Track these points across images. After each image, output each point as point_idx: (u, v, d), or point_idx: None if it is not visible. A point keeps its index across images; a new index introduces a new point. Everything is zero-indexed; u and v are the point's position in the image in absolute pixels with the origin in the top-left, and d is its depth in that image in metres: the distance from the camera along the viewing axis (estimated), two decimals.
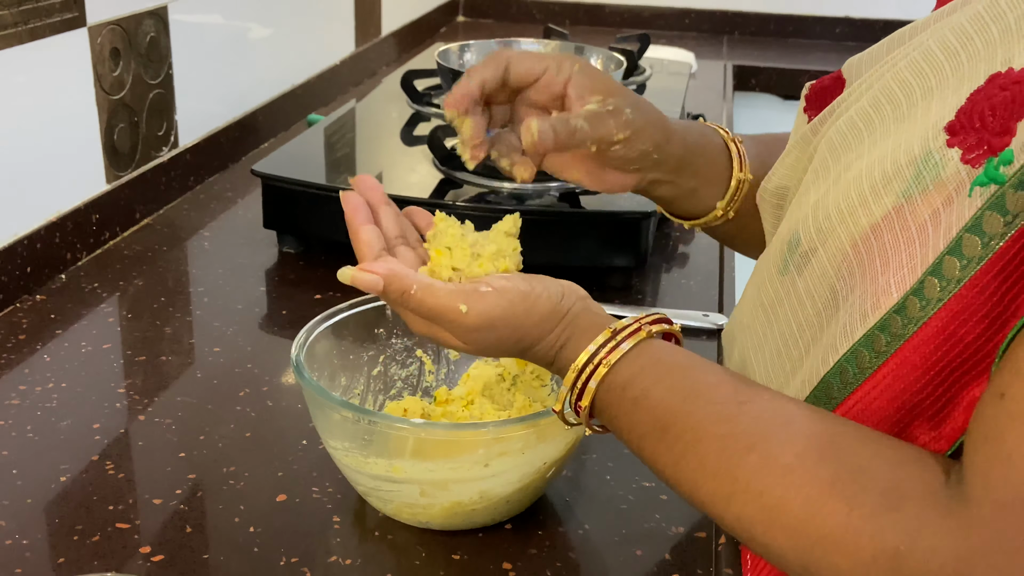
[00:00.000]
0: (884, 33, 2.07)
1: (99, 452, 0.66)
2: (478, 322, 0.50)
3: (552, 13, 2.18)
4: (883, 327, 0.42)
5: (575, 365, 0.50)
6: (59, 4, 0.88)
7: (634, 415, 0.48)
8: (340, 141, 1.11)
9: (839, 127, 0.51)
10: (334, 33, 1.53)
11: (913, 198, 0.43)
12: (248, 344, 0.80)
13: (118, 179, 0.99)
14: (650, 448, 0.47)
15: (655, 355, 0.49)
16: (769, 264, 0.55)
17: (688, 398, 0.47)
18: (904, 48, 0.51)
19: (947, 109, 0.43)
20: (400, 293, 0.51)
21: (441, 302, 0.51)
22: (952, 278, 0.40)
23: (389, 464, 0.56)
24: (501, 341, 0.52)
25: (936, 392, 0.41)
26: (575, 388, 0.50)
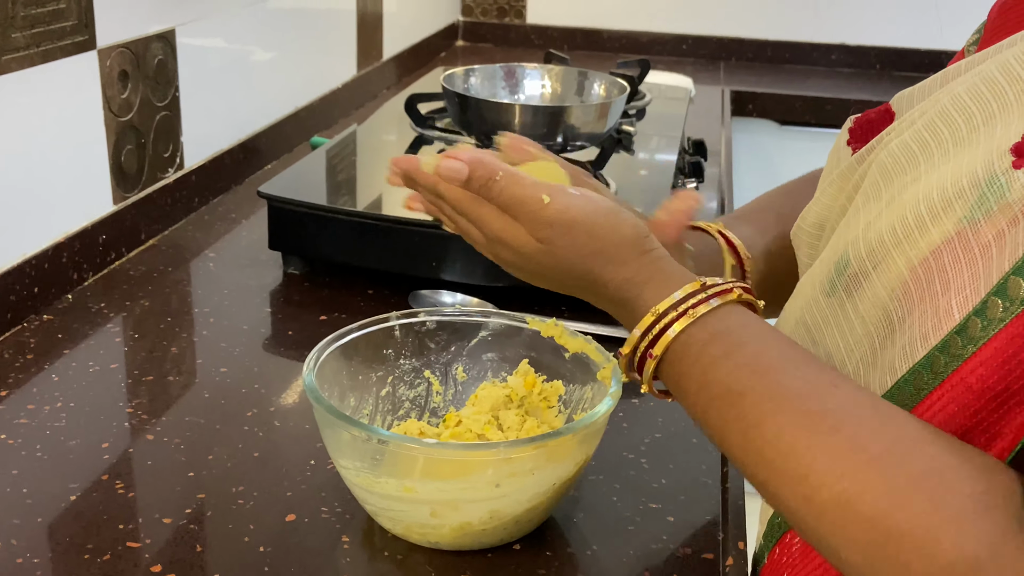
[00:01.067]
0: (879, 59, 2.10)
1: (108, 471, 0.66)
2: (557, 217, 0.49)
3: (550, 38, 2.20)
4: (943, 348, 0.42)
5: (656, 309, 0.48)
6: (70, 27, 0.89)
7: (710, 374, 0.46)
8: (343, 163, 1.12)
9: (891, 150, 0.50)
10: (336, 57, 1.55)
11: (977, 222, 0.42)
12: (254, 365, 0.81)
13: (125, 200, 1.00)
14: (718, 413, 0.45)
15: (743, 319, 0.48)
16: (813, 286, 0.54)
17: (774, 367, 0.45)
18: (962, 79, 0.50)
19: (1012, 133, 0.43)
20: (485, 180, 0.50)
21: (525, 191, 0.49)
22: (1016, 298, 0.39)
23: (400, 484, 0.56)
24: (576, 246, 0.49)
25: (991, 416, 0.41)
26: (649, 334, 0.48)
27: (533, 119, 0.98)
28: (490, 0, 2.22)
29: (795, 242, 0.62)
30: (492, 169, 0.50)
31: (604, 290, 0.51)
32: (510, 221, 0.51)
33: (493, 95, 1.11)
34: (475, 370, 0.70)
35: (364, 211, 0.94)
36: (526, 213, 0.50)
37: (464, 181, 0.50)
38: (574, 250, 0.50)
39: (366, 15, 1.63)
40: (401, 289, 0.93)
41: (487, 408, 0.65)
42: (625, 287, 0.50)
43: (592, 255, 0.50)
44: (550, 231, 0.49)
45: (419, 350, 0.69)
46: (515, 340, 0.68)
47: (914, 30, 2.04)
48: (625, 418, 0.74)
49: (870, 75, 2.05)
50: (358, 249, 0.94)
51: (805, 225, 0.60)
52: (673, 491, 0.66)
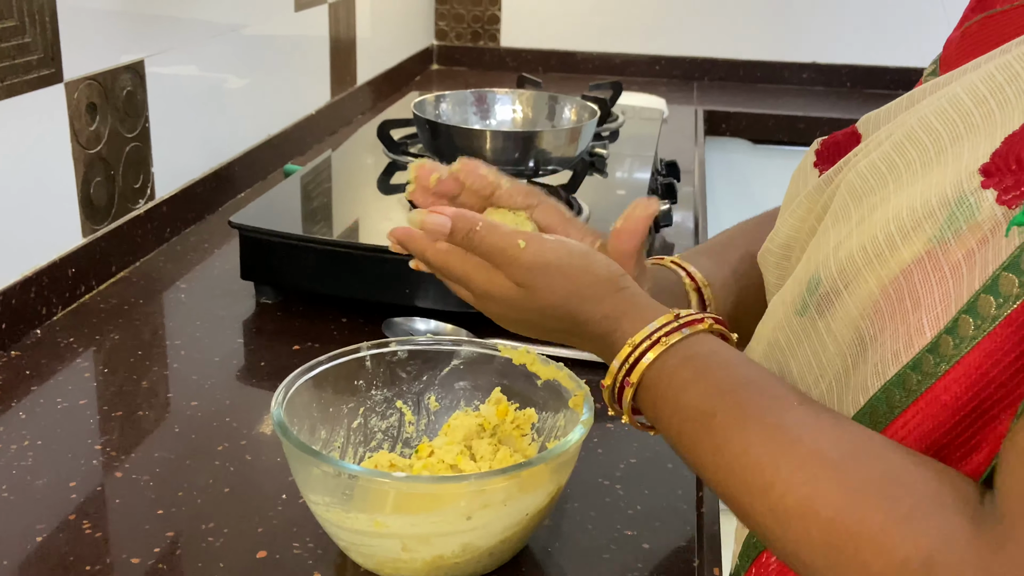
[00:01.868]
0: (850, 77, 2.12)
1: (75, 510, 0.65)
2: (533, 260, 0.52)
3: (525, 61, 2.21)
4: (915, 366, 0.43)
5: (633, 340, 0.50)
6: (36, 61, 0.88)
7: (681, 398, 0.48)
8: (317, 190, 1.11)
9: (860, 171, 0.51)
10: (310, 83, 1.55)
11: (946, 241, 0.43)
12: (226, 397, 0.80)
13: (94, 232, 0.99)
14: (691, 432, 0.47)
15: (713, 347, 0.50)
16: (785, 305, 0.55)
17: (740, 387, 0.47)
18: (928, 101, 0.51)
19: (980, 154, 0.44)
20: (466, 231, 0.53)
21: (503, 239, 0.53)
22: (987, 316, 0.40)
23: (371, 519, 0.55)
24: (553, 288, 0.52)
25: (966, 433, 0.41)
26: (626, 364, 0.50)
27: (504, 144, 0.98)
28: (464, 24, 2.23)
29: (762, 265, 0.62)
30: (472, 220, 0.54)
31: (584, 328, 0.53)
32: (492, 271, 0.54)
33: (464, 121, 1.11)
34: (448, 399, 0.69)
35: (336, 240, 0.93)
36: (505, 259, 0.53)
37: (448, 234, 0.54)
38: (552, 291, 0.53)
39: (339, 40, 1.64)
40: (375, 317, 0.92)
41: (460, 438, 0.65)
42: (603, 323, 0.52)
43: (569, 295, 0.53)
44: (528, 275, 0.53)
45: (391, 380, 0.68)
46: (487, 368, 0.68)
47: (884, 49, 2.06)
48: (600, 444, 0.74)
49: (841, 93, 2.08)
50: (331, 278, 0.93)
51: (773, 247, 0.61)
52: (648, 517, 0.65)
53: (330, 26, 1.59)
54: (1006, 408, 0.40)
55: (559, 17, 2.18)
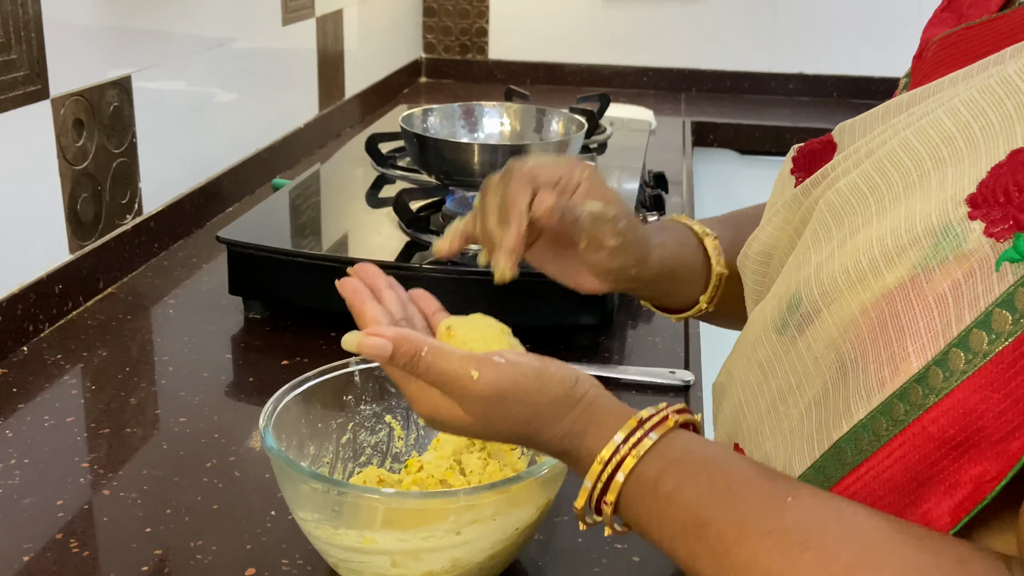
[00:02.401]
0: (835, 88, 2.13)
1: (63, 530, 0.64)
2: (488, 391, 0.49)
3: (513, 73, 2.22)
4: (902, 395, 0.42)
5: (600, 457, 0.48)
6: (22, 77, 0.88)
7: (667, 511, 0.46)
8: (305, 205, 1.11)
9: (840, 190, 0.51)
10: (298, 96, 1.55)
11: (931, 269, 0.43)
12: (215, 413, 0.80)
13: (81, 248, 0.99)
14: (686, 547, 0.45)
15: (685, 446, 0.48)
16: (765, 322, 0.54)
17: (728, 492, 0.45)
18: (906, 116, 0.51)
19: (966, 181, 0.44)
20: (410, 356, 0.49)
21: (453, 366, 0.49)
22: (979, 352, 0.40)
23: (360, 535, 0.55)
24: (510, 417, 0.49)
25: (951, 467, 0.41)
26: (599, 483, 0.48)
27: (492, 158, 0.98)
28: (452, 37, 2.23)
29: (741, 269, 0.63)
30: (416, 345, 0.49)
31: (546, 447, 0.51)
32: (441, 396, 0.50)
33: (452, 134, 1.11)
34: None
35: (325, 254, 0.93)
36: (457, 390, 0.49)
37: (389, 358, 0.49)
38: (509, 420, 0.50)
39: (327, 54, 1.64)
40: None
41: (449, 452, 0.65)
42: (565, 441, 0.50)
43: (527, 421, 0.50)
44: (484, 406, 0.49)
45: (380, 395, 0.68)
46: None
47: (869, 59, 2.08)
48: None
49: (828, 103, 2.09)
50: (319, 292, 0.93)
51: (751, 253, 0.61)
52: None
53: (318, 40, 1.59)
54: (994, 445, 0.40)
55: (547, 29, 2.19)
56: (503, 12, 2.20)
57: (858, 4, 2.07)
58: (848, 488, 0.44)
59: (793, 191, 0.57)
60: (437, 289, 0.91)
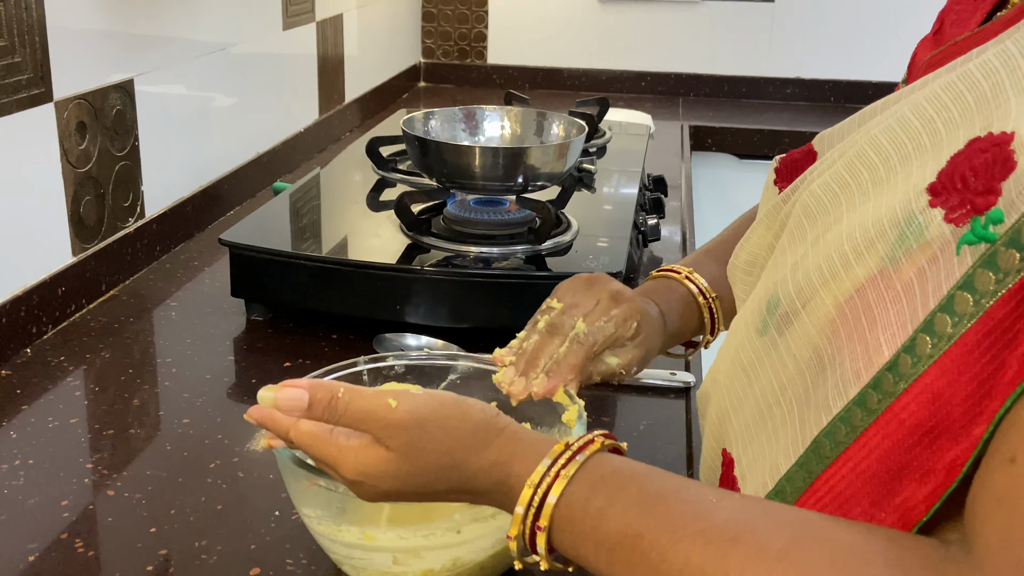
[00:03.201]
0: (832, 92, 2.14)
1: (68, 530, 0.65)
2: (408, 419, 0.48)
3: (511, 78, 2.22)
4: (875, 385, 0.43)
5: (531, 480, 0.48)
6: (26, 80, 0.88)
7: (601, 527, 0.46)
8: (306, 208, 1.12)
9: (814, 191, 0.52)
10: (298, 101, 1.55)
11: (898, 259, 0.44)
12: (218, 415, 0.80)
13: (84, 251, 0.99)
14: (623, 559, 0.45)
15: (613, 464, 0.48)
16: (747, 325, 0.55)
17: (658, 501, 0.45)
18: (878, 119, 0.52)
19: (928, 173, 0.44)
20: (328, 400, 0.49)
21: (370, 401, 0.49)
22: (944, 335, 0.40)
23: (361, 532, 0.56)
24: (435, 447, 0.49)
25: (924, 454, 0.41)
26: (532, 507, 0.47)
27: (493, 160, 0.99)
28: (451, 42, 2.24)
29: (730, 279, 0.63)
30: (332, 388, 0.49)
31: (475, 482, 0.50)
32: (364, 446, 0.49)
33: (453, 137, 1.12)
34: None
35: (326, 256, 0.94)
36: (376, 422, 0.49)
37: (307, 407, 0.49)
38: (432, 449, 0.49)
39: (327, 59, 1.64)
40: (365, 333, 0.92)
41: None
42: (494, 470, 0.49)
43: (452, 450, 0.49)
44: (405, 435, 0.49)
45: None
46: (484, 383, 0.68)
47: (866, 63, 2.09)
48: None
49: (825, 108, 2.10)
50: (321, 294, 0.94)
51: (738, 263, 0.62)
52: None
53: (318, 44, 1.60)
54: (962, 429, 0.40)
55: (545, 34, 2.20)
56: (502, 17, 2.21)
57: (854, 9, 2.08)
58: (827, 482, 0.45)
59: (775, 199, 0.58)
60: (438, 291, 0.92)
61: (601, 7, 2.16)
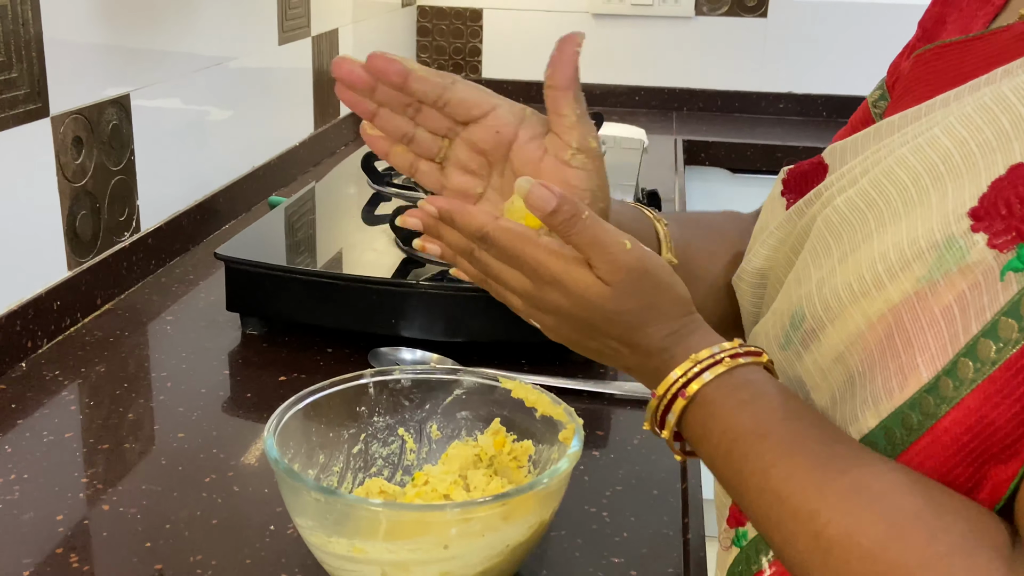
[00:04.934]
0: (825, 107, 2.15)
1: (62, 544, 0.65)
2: (636, 263, 0.50)
3: (506, 92, 2.22)
4: (914, 405, 0.43)
5: (696, 356, 0.50)
6: (22, 96, 0.89)
7: (736, 416, 0.48)
8: (301, 222, 1.12)
9: (837, 207, 0.52)
10: (294, 115, 1.56)
11: (935, 282, 0.44)
12: (213, 428, 0.80)
13: (79, 265, 0.99)
14: (741, 452, 0.47)
15: (769, 377, 0.51)
16: (767, 338, 0.56)
17: (795, 416, 0.47)
18: (899, 136, 0.52)
19: (966, 196, 0.45)
20: (570, 214, 0.49)
21: (608, 234, 0.49)
22: (987, 360, 0.41)
23: (350, 544, 0.56)
24: (639, 298, 0.50)
25: (966, 472, 0.42)
26: (685, 376, 0.50)
27: None
28: (446, 56, 2.25)
29: (737, 289, 0.64)
30: (579, 207, 0.49)
31: (643, 340, 0.51)
32: (573, 262, 0.50)
33: None
34: (449, 428, 0.70)
35: (321, 270, 0.94)
36: (606, 255, 0.49)
37: (550, 212, 0.49)
38: (637, 298, 0.50)
39: (323, 73, 1.65)
40: (361, 347, 0.93)
41: (455, 467, 0.65)
42: (669, 338, 0.51)
43: (650, 307, 0.51)
44: (624, 276, 0.50)
45: (393, 407, 0.69)
46: (489, 398, 0.68)
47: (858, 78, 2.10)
48: (586, 471, 0.74)
49: (818, 122, 2.11)
50: (317, 308, 0.94)
51: (746, 275, 0.62)
52: (635, 544, 0.66)
53: (313, 58, 1.61)
54: (1007, 448, 0.41)
55: (539, 49, 2.20)
56: (496, 31, 2.22)
57: (847, 24, 2.10)
58: None
59: (786, 213, 0.58)
60: (433, 305, 0.92)
61: (595, 22, 2.17)
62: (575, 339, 0.54)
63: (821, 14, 2.10)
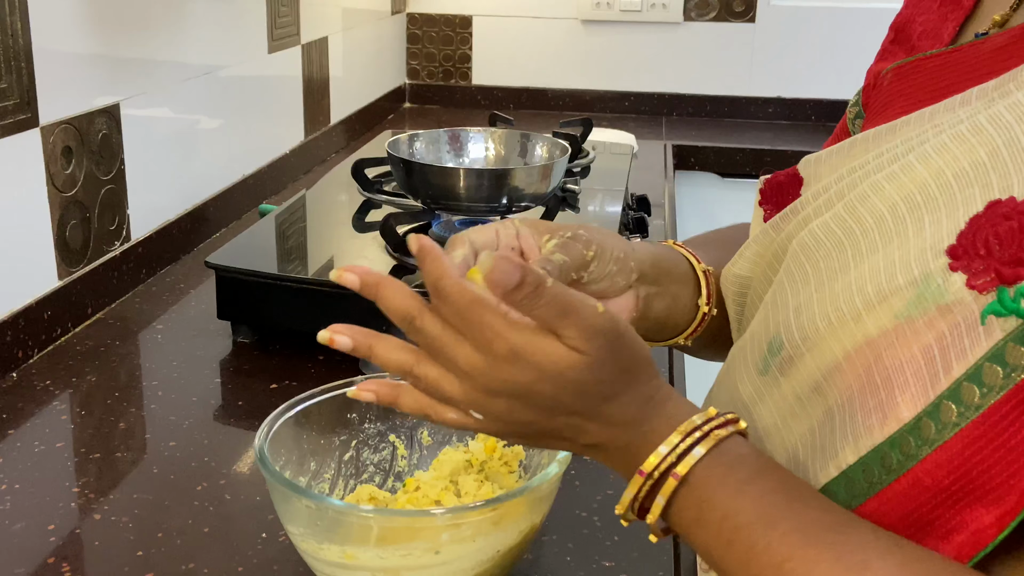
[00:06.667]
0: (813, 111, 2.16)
1: (54, 553, 0.65)
2: (609, 325, 0.46)
3: (496, 99, 2.24)
4: (894, 444, 0.43)
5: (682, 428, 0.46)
6: (12, 106, 0.89)
7: (736, 500, 0.45)
8: (292, 230, 1.12)
9: (813, 231, 0.51)
10: (284, 123, 1.56)
11: (913, 319, 0.43)
12: (204, 437, 0.80)
13: (70, 275, 0.99)
14: (746, 541, 0.44)
15: (752, 448, 0.48)
16: (747, 361, 0.55)
17: (796, 498, 0.45)
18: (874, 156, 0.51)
19: (944, 232, 0.44)
20: (536, 284, 0.45)
21: (578, 298, 0.46)
22: (971, 404, 0.41)
23: (341, 550, 0.56)
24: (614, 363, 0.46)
25: (947, 514, 0.42)
26: (675, 450, 0.46)
27: (478, 182, 1.00)
28: (436, 63, 2.26)
29: (724, 290, 0.63)
30: (543, 277, 0.45)
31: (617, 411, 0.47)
32: (538, 333, 0.45)
33: (438, 159, 1.13)
34: (440, 434, 0.70)
35: (311, 278, 0.94)
36: (579, 321, 0.45)
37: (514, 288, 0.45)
38: (613, 364, 0.46)
39: (312, 81, 1.65)
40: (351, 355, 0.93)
41: (446, 473, 0.65)
42: (645, 407, 0.47)
43: (626, 371, 0.47)
44: (597, 341, 0.45)
45: (384, 414, 0.69)
46: None
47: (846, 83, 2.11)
48: (577, 476, 0.75)
49: (806, 127, 2.12)
50: (307, 316, 0.94)
51: (732, 273, 0.62)
52: (626, 548, 0.66)
53: (303, 67, 1.61)
54: (990, 492, 0.40)
55: (529, 55, 2.22)
56: (486, 38, 2.22)
57: (834, 29, 2.11)
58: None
59: (763, 226, 0.58)
60: None
61: (584, 28, 2.18)
62: (527, 423, 0.48)
63: (809, 19, 2.11)
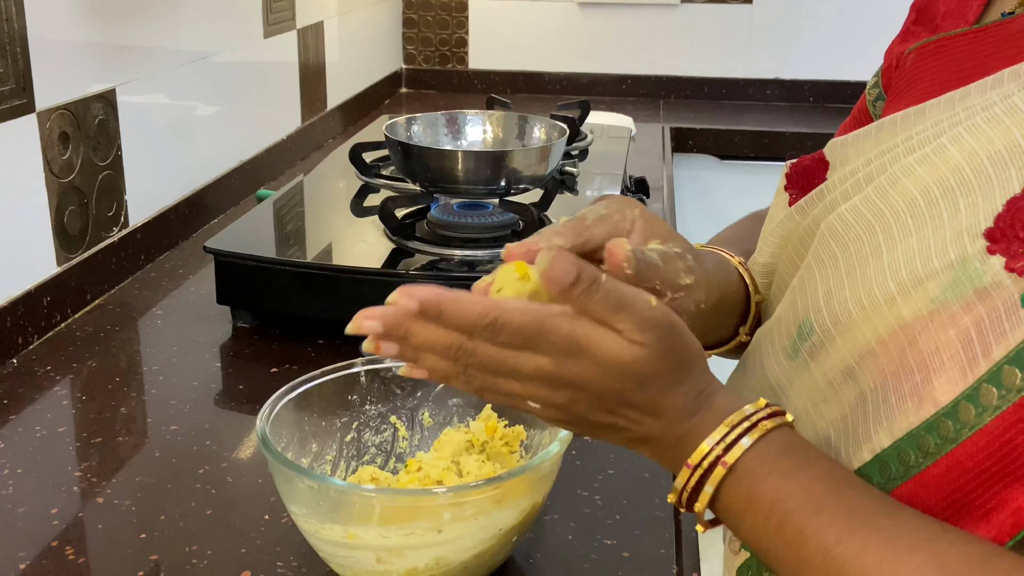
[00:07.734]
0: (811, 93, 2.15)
1: (58, 537, 0.65)
2: (663, 318, 0.46)
3: (493, 82, 2.23)
4: (931, 428, 0.43)
5: (729, 420, 0.46)
6: (8, 92, 0.89)
7: (785, 486, 0.45)
8: (290, 215, 1.12)
9: (842, 215, 0.51)
10: (281, 108, 1.56)
11: (949, 303, 0.43)
12: (205, 421, 0.80)
13: (69, 261, 0.99)
14: (796, 526, 0.44)
15: (800, 438, 0.47)
16: (774, 345, 0.55)
17: (843, 484, 0.45)
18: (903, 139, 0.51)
19: (980, 214, 0.44)
20: (591, 280, 0.44)
21: (632, 292, 0.45)
22: (1012, 387, 0.41)
23: (344, 530, 0.56)
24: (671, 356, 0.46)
25: (987, 494, 0.42)
26: (723, 441, 0.46)
27: (476, 164, 1.00)
28: (432, 48, 2.25)
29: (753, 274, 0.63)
30: (597, 272, 0.45)
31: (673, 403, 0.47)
32: (599, 328, 0.45)
33: (436, 142, 1.12)
34: (441, 415, 0.70)
35: (311, 262, 0.94)
36: (634, 315, 0.45)
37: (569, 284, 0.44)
38: (670, 357, 0.46)
39: (309, 66, 1.65)
40: (351, 338, 0.93)
41: (448, 453, 0.66)
42: (697, 400, 0.47)
43: (681, 364, 0.47)
44: (653, 333, 0.45)
45: (385, 396, 0.69)
46: None
47: (845, 63, 2.11)
48: (578, 456, 0.75)
49: (805, 108, 2.12)
50: (307, 300, 0.94)
51: (755, 265, 0.62)
52: (627, 526, 0.67)
53: (299, 52, 1.61)
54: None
55: (526, 39, 2.21)
56: (482, 22, 2.21)
57: (832, 9, 2.11)
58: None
59: (788, 210, 0.58)
60: None
61: (581, 11, 2.17)
62: (583, 415, 0.47)
63: (806, 0, 2.11)
